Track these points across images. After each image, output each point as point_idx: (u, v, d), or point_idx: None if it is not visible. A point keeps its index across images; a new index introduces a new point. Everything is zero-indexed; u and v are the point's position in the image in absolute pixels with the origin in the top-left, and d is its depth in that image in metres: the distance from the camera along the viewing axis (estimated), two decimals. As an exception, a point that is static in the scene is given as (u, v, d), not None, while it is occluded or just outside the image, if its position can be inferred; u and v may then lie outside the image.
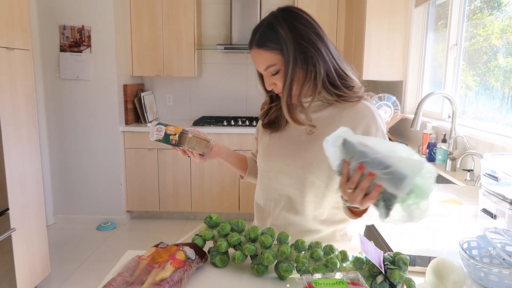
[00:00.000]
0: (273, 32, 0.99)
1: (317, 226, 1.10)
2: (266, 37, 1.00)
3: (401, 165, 0.77)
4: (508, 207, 1.15)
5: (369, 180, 0.80)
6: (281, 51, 0.99)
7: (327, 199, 1.07)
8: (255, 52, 1.02)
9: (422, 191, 0.79)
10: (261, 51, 1.01)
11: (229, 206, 3.74)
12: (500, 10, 2.12)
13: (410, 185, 0.76)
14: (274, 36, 0.99)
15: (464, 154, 2.02)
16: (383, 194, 0.81)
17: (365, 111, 1.03)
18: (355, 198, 0.83)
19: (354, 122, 1.02)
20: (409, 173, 0.76)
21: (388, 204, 0.81)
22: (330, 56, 1.03)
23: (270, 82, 1.04)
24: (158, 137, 1.16)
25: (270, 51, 1.00)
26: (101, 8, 3.39)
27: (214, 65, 4.15)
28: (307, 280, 0.80)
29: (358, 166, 0.81)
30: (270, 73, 1.02)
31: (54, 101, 3.53)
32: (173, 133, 1.15)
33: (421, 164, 0.77)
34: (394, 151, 0.80)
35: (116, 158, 3.61)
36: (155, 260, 0.91)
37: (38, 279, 2.49)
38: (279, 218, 1.12)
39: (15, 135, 2.24)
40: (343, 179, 0.84)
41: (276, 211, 1.12)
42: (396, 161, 0.78)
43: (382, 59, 3.11)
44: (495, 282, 0.88)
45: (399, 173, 0.77)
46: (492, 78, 2.15)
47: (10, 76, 2.19)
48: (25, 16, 2.31)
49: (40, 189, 2.50)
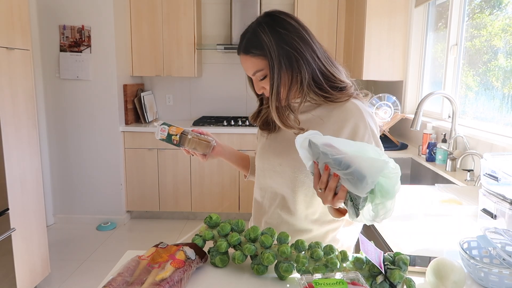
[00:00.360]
0: (257, 38, 1.01)
1: (309, 226, 1.11)
2: (251, 44, 1.02)
3: (362, 165, 0.78)
4: (508, 207, 1.15)
5: (335, 181, 0.83)
6: (266, 56, 1.01)
7: (317, 198, 1.07)
8: (243, 58, 1.05)
9: (386, 191, 0.80)
10: (248, 57, 1.03)
11: (229, 206, 3.74)
12: (500, 9, 2.12)
13: (370, 185, 0.77)
14: (258, 43, 1.01)
15: (464, 154, 2.02)
16: (350, 194, 0.82)
17: (353, 110, 1.03)
18: (326, 197, 0.86)
19: (342, 121, 1.03)
20: (368, 173, 0.77)
21: (355, 203, 0.82)
22: (316, 59, 1.02)
23: (259, 86, 1.07)
24: (162, 137, 1.20)
25: (256, 57, 1.02)
26: (101, 8, 3.39)
27: (214, 65, 4.15)
28: (307, 280, 0.80)
29: (324, 167, 0.83)
30: (258, 78, 1.05)
31: (54, 101, 3.53)
32: (174, 134, 1.18)
33: (383, 164, 0.77)
34: (360, 152, 0.81)
35: (116, 158, 3.61)
36: (155, 260, 0.91)
37: (38, 279, 2.49)
38: (274, 216, 1.14)
39: (15, 135, 2.24)
40: (315, 179, 0.88)
41: (271, 209, 1.15)
42: (357, 161, 0.79)
43: (382, 59, 3.11)
44: (495, 282, 0.88)
45: (359, 173, 0.77)
46: (492, 78, 2.15)
47: (10, 76, 2.19)
48: (25, 16, 2.31)
49: (40, 189, 2.50)
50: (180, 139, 1.18)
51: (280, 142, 1.13)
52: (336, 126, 1.03)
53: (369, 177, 0.76)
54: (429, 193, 1.63)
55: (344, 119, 1.03)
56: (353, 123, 1.02)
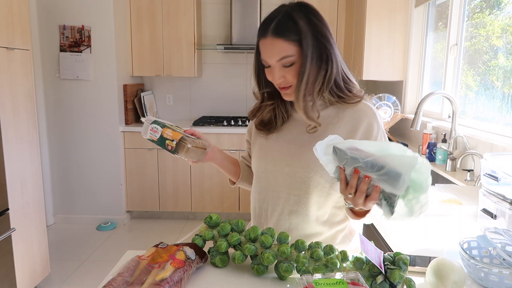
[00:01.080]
0: (292, 22, 0.95)
1: (320, 228, 1.09)
2: (284, 27, 0.95)
3: (394, 164, 0.78)
4: (508, 207, 1.15)
5: (366, 183, 0.81)
6: (300, 43, 0.95)
7: (331, 198, 1.07)
8: (271, 41, 0.96)
9: (420, 185, 0.80)
10: (278, 41, 0.96)
11: (229, 206, 3.74)
12: (500, 9, 2.12)
13: (406, 182, 0.77)
14: (293, 27, 0.95)
15: (464, 154, 2.02)
16: (383, 194, 0.82)
17: (367, 110, 1.04)
18: (357, 201, 0.84)
19: (356, 121, 1.03)
20: (403, 171, 0.77)
21: (390, 202, 0.81)
22: (339, 58, 1.02)
23: (280, 74, 0.99)
24: (152, 137, 1.02)
25: (288, 42, 0.95)
26: (101, 8, 3.39)
27: (214, 65, 4.15)
28: (307, 280, 0.80)
29: (354, 171, 0.82)
30: (283, 64, 0.98)
31: (54, 101, 3.53)
32: (170, 139, 1.01)
33: (414, 159, 0.77)
34: (386, 150, 0.81)
35: (116, 158, 3.61)
36: (155, 260, 0.90)
37: (38, 279, 2.49)
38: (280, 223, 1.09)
39: (15, 135, 2.23)
40: (342, 185, 0.86)
41: (275, 215, 1.10)
42: (389, 160, 0.79)
43: (382, 59, 3.11)
44: (495, 282, 0.88)
45: (394, 172, 0.78)
46: (492, 77, 2.15)
47: (10, 76, 2.19)
48: (25, 16, 2.31)
49: (40, 189, 2.50)
50: (176, 146, 1.00)
51: (286, 142, 1.09)
52: (349, 126, 1.03)
53: (405, 174, 0.77)
54: (429, 193, 1.63)
55: (358, 119, 1.03)
56: (367, 123, 1.02)
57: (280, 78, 1.00)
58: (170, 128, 1.03)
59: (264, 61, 1.01)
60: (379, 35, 3.08)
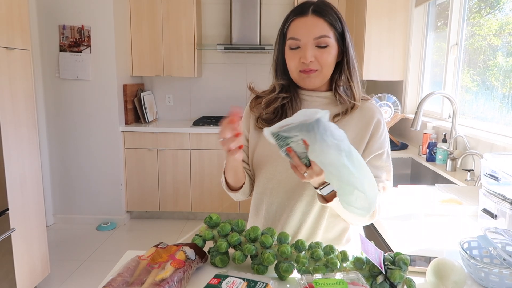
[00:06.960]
0: (332, 10, 1.02)
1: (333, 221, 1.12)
2: (325, 10, 1.01)
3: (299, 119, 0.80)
4: (509, 207, 1.15)
5: (294, 155, 0.85)
6: (335, 28, 1.01)
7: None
8: (312, 19, 1.00)
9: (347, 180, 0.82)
10: (320, 20, 1.00)
11: (229, 206, 3.73)
12: (498, 8, 2.11)
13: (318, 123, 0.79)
14: (332, 13, 1.01)
15: (465, 154, 2.02)
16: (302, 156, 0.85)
17: (374, 108, 1.09)
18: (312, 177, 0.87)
19: (367, 119, 1.07)
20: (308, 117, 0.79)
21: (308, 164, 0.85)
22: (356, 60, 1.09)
23: (312, 53, 1.00)
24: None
25: (328, 24, 1.00)
26: (101, 8, 3.39)
27: (214, 65, 4.15)
28: (307, 280, 0.80)
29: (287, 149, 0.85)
30: (317, 44, 1.00)
31: (54, 101, 3.53)
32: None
33: (313, 110, 0.80)
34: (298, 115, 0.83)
35: (116, 158, 3.61)
36: (155, 260, 0.90)
37: (38, 279, 2.49)
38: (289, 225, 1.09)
39: (15, 135, 2.23)
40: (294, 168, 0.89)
41: (283, 216, 1.09)
42: (296, 118, 0.82)
43: (382, 59, 3.11)
44: (495, 282, 0.88)
45: (303, 125, 0.80)
46: (492, 77, 2.15)
47: (10, 76, 2.19)
48: (25, 16, 2.31)
49: (39, 189, 2.50)
50: None
51: None
52: (360, 124, 1.06)
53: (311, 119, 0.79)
54: (429, 193, 1.63)
55: (369, 116, 1.07)
56: (376, 119, 1.07)
57: (312, 57, 1.00)
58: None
59: (297, 40, 1.01)
60: (379, 35, 3.07)
